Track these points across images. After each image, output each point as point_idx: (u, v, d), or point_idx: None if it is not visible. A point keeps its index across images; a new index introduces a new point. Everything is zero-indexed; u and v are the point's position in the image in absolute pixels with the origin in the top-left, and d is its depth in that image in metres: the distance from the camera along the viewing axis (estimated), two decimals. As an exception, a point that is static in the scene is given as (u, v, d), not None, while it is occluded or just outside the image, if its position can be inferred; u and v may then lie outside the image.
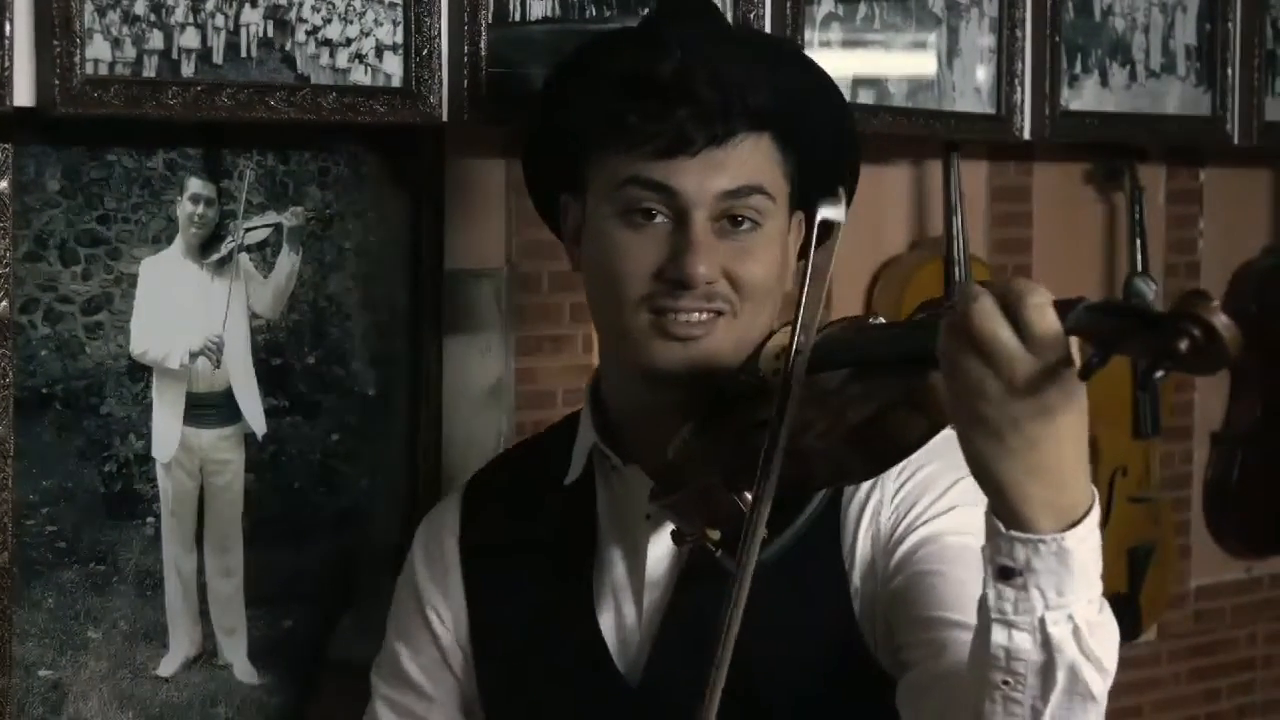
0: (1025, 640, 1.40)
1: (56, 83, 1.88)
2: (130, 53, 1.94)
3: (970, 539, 1.71)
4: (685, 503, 1.69)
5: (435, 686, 1.94)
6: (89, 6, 1.90)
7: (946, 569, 1.68)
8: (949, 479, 1.74)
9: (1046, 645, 1.40)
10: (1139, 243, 3.18)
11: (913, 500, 1.75)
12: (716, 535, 1.66)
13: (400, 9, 2.14)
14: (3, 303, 1.97)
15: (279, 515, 2.21)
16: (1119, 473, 3.22)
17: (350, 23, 2.10)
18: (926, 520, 1.73)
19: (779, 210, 1.80)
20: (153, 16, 1.95)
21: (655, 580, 1.81)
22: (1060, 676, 1.41)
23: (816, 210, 1.60)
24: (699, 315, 1.75)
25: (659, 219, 1.75)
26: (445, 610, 1.93)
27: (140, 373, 2.10)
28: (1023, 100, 2.86)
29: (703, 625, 1.68)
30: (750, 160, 1.77)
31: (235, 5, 2.01)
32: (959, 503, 1.73)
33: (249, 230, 2.17)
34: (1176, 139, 3.23)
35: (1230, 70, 3.20)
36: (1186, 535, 3.49)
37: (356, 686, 2.03)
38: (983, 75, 2.82)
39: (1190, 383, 3.44)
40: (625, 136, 1.76)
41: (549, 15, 2.26)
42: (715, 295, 1.75)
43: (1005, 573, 1.40)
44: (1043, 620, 1.40)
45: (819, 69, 1.89)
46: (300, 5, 2.06)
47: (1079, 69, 2.95)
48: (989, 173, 3.10)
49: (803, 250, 1.69)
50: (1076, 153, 3.17)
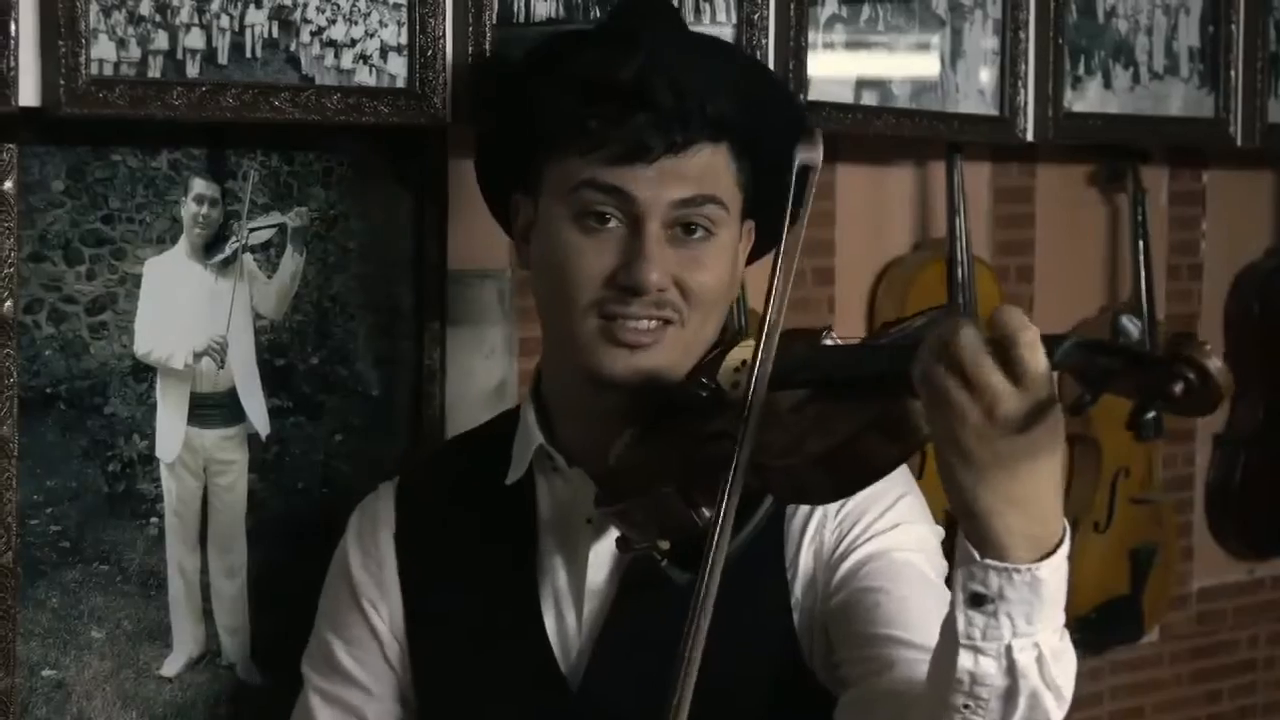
0: (991, 666, 1.40)
1: (61, 83, 1.89)
2: (135, 53, 1.94)
3: (913, 555, 1.72)
4: (636, 511, 1.67)
5: (371, 678, 1.93)
6: (94, 7, 1.90)
7: (890, 586, 1.68)
8: (893, 495, 1.74)
9: (1011, 671, 1.40)
10: (1141, 244, 3.18)
11: (856, 516, 1.74)
12: (666, 545, 1.65)
13: (405, 10, 2.14)
14: (7, 303, 1.98)
15: (282, 515, 2.21)
16: (1121, 474, 3.21)
17: (355, 24, 2.10)
18: (870, 537, 1.73)
19: (731, 220, 1.79)
20: (158, 17, 1.96)
21: (596, 585, 1.81)
22: (1022, 703, 1.41)
23: (795, 155, 1.58)
24: (648, 323, 1.74)
25: (612, 223, 1.75)
26: (381, 603, 1.92)
27: (144, 373, 2.10)
28: (1026, 102, 2.87)
29: (644, 631, 1.68)
30: (707, 170, 1.76)
31: (240, 6, 2.02)
32: (903, 520, 1.74)
33: (253, 231, 2.17)
34: (1179, 141, 3.23)
35: (1233, 72, 3.20)
36: (1189, 537, 3.48)
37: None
38: (986, 77, 2.82)
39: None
40: (583, 139, 1.75)
41: (553, 16, 2.26)
42: (665, 303, 1.75)
43: (977, 599, 1.39)
44: (1009, 647, 1.40)
45: (778, 78, 1.87)
46: (305, 6, 2.07)
47: (1082, 71, 2.95)
48: (992, 174, 3.10)
49: (793, 212, 1.62)
50: (1079, 154, 3.17)
